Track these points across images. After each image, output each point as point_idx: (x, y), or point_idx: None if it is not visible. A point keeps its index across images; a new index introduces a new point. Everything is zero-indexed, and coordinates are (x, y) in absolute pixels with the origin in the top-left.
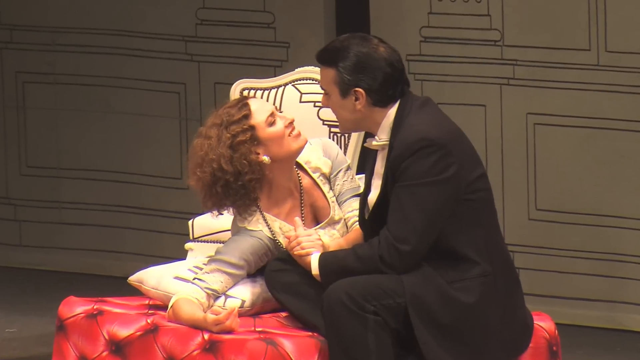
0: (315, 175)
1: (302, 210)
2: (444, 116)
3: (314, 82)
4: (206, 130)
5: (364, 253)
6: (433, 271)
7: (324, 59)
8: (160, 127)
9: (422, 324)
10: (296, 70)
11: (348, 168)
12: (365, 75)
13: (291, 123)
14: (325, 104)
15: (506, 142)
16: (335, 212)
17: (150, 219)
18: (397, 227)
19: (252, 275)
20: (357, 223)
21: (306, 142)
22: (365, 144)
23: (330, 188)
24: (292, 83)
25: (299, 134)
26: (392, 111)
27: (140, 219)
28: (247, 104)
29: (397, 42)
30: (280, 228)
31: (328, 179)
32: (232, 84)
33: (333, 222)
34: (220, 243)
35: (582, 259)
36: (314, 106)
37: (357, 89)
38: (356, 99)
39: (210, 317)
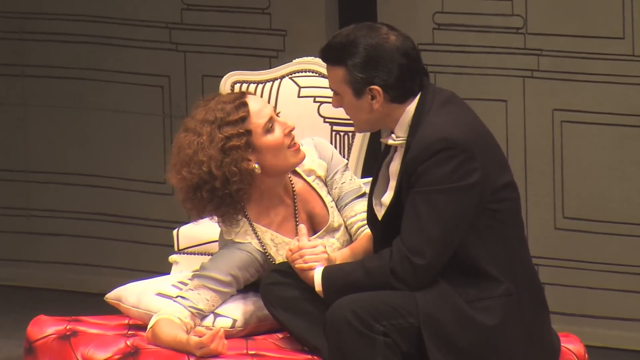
0: (310, 179)
1: (296, 218)
2: (471, 114)
3: (313, 74)
4: (196, 126)
5: (374, 266)
6: (450, 288)
7: (330, 57)
8: (141, 125)
9: (437, 347)
10: (294, 61)
11: (346, 168)
12: (379, 71)
13: (291, 132)
14: (337, 105)
15: (530, 141)
16: (335, 219)
17: (131, 228)
18: (412, 238)
19: (244, 290)
20: (362, 229)
21: (304, 157)
22: (381, 139)
23: (328, 192)
24: (290, 75)
25: (298, 148)
26: (412, 107)
27: (120, 228)
28: (246, 104)
29: (407, 30)
30: (272, 240)
31: (324, 182)
32: (222, 76)
33: (332, 230)
34: (208, 255)
35: (616, 273)
36: (314, 101)
37: (372, 87)
38: (372, 98)
39: (193, 339)
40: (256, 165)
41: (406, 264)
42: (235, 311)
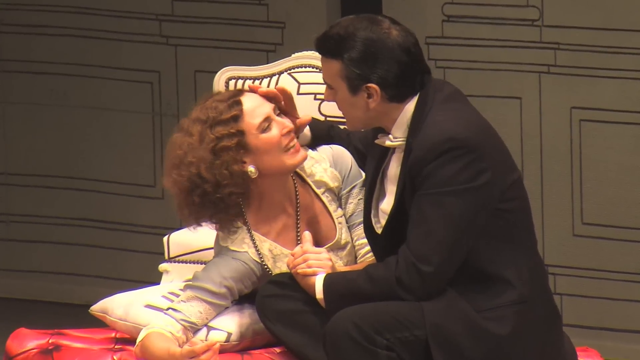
0: (319, 191)
1: (297, 229)
2: (474, 112)
3: (314, 70)
4: (189, 125)
5: (378, 274)
6: (459, 297)
7: (326, 49)
8: (129, 124)
9: None
10: (293, 55)
11: (364, 184)
12: (378, 68)
13: (290, 132)
14: (330, 99)
15: (546, 142)
16: (342, 236)
17: (118, 234)
18: (419, 244)
19: (239, 302)
20: (371, 252)
21: (305, 158)
22: (376, 141)
23: (339, 206)
24: (288, 71)
25: (297, 149)
26: (411, 105)
27: (106, 234)
28: (239, 102)
29: (414, 22)
30: (270, 250)
31: (337, 195)
32: (216, 72)
33: (338, 247)
34: (201, 264)
35: (638, 283)
36: (315, 99)
37: (369, 84)
38: (369, 96)
39: (185, 348)
40: (251, 168)
41: (413, 272)
42: (230, 324)
